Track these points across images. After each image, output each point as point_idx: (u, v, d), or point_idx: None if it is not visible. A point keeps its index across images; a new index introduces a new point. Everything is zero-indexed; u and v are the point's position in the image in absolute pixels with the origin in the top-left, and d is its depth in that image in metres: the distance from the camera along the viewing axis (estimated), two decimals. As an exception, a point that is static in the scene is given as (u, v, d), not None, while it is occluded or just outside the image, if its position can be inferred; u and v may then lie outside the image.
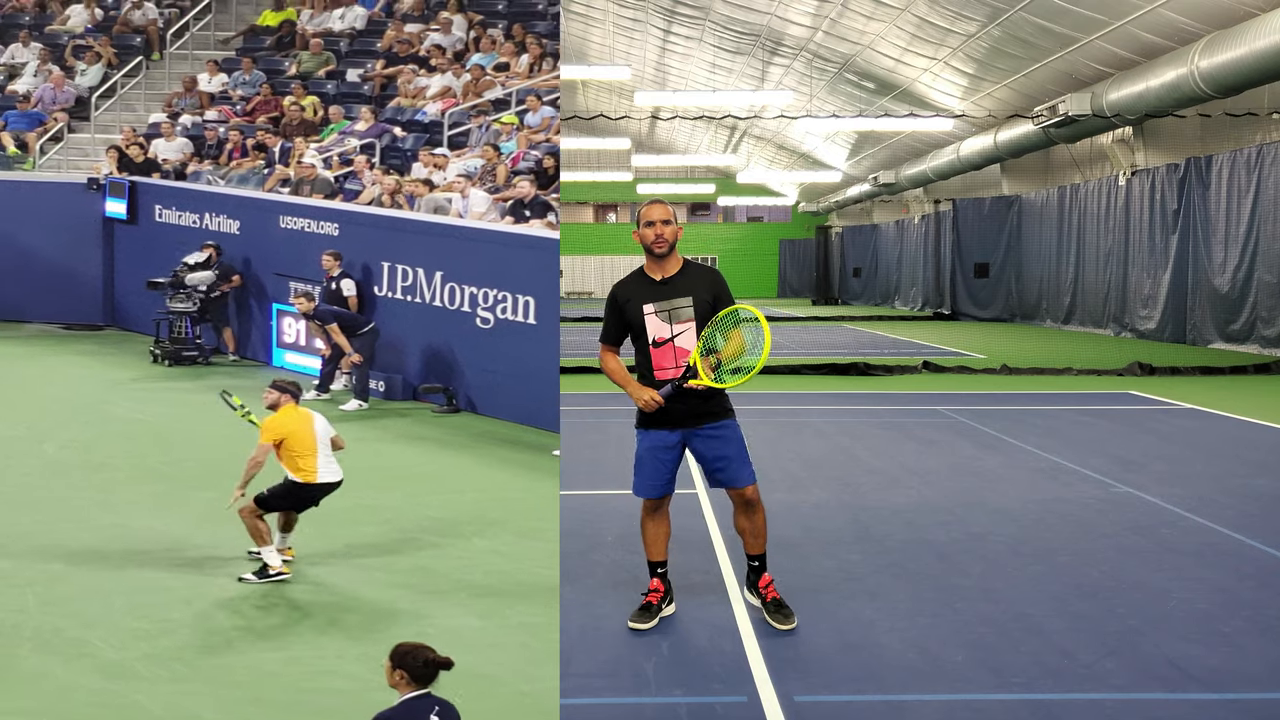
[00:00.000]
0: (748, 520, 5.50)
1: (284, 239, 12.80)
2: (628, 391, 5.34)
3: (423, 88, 15.21)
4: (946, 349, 23.55)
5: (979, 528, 7.49)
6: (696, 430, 5.36)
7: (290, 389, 6.68)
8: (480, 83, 14.62)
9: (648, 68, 39.50)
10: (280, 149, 14.85)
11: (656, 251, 5.31)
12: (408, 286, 11.53)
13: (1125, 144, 26.92)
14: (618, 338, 5.48)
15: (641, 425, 5.45)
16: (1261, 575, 6.39)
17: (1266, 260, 21.27)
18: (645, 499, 5.48)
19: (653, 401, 5.21)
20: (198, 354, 12.86)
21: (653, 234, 5.28)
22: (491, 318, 10.76)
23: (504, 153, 13.09)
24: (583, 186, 58.12)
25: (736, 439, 5.40)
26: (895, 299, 45.80)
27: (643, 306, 5.34)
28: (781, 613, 5.36)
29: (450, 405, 10.95)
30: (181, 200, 14.11)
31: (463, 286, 11.02)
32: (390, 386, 11.45)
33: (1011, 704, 4.51)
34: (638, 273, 5.46)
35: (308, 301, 11.21)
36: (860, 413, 13.35)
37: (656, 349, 5.32)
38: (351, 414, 10.78)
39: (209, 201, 13.81)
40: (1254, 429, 12.10)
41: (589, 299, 57.75)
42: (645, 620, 5.38)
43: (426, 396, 11.22)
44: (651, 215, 5.30)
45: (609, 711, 4.50)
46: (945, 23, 25.03)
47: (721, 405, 5.39)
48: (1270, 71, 17.99)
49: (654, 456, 5.39)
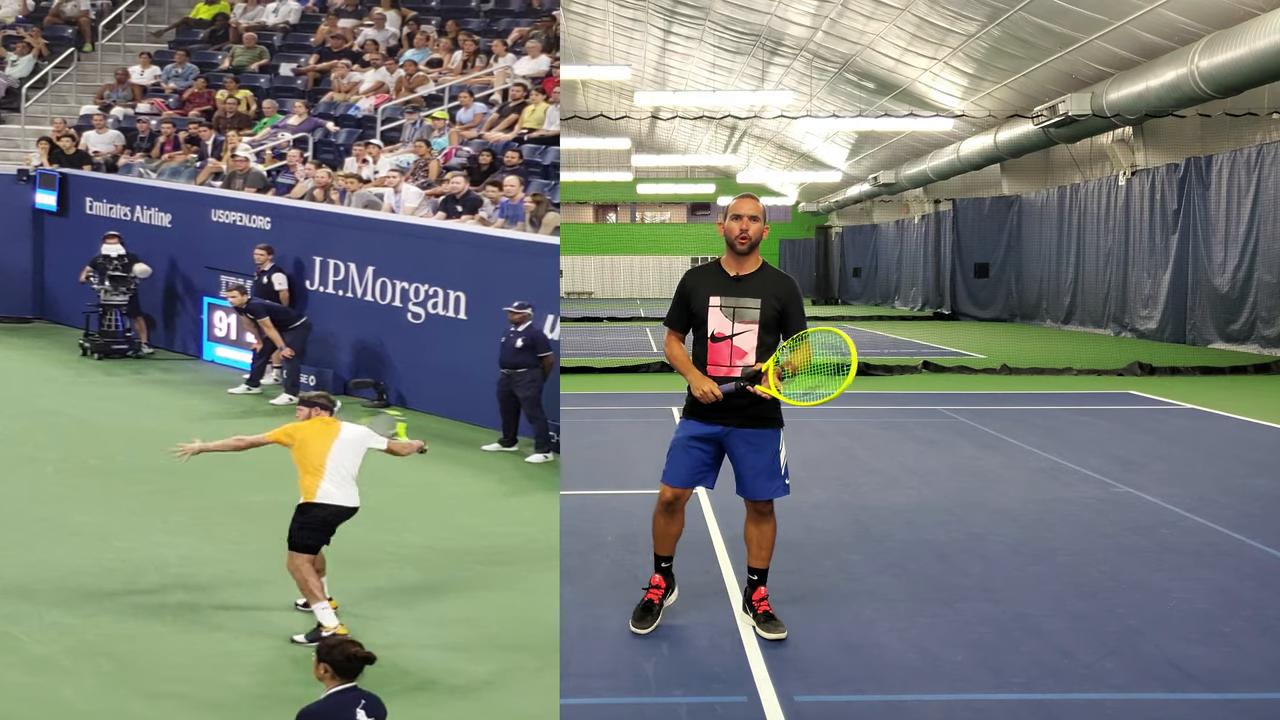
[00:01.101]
0: (757, 530, 5.46)
1: (216, 233, 12.75)
2: (688, 378, 5.24)
3: (356, 83, 15.22)
4: (946, 349, 23.55)
5: (979, 528, 7.48)
6: (738, 429, 5.29)
7: (320, 401, 6.21)
8: (413, 78, 14.65)
9: (648, 68, 39.50)
10: (213, 142, 14.82)
11: (739, 248, 5.23)
12: (339, 281, 11.54)
13: (1125, 144, 26.92)
14: (683, 324, 5.40)
15: (686, 415, 5.40)
16: (1261, 575, 6.39)
17: (1266, 260, 21.27)
18: (666, 487, 5.40)
19: (711, 394, 5.12)
20: (128, 347, 12.79)
21: (739, 228, 5.21)
22: (423, 313, 10.78)
23: (436, 148, 13.12)
24: (583, 186, 58.12)
25: (772, 451, 5.31)
26: (895, 299, 45.80)
27: (709, 298, 5.26)
28: (772, 623, 5.34)
29: (381, 400, 10.99)
30: (112, 193, 14.01)
31: (394, 281, 11.03)
32: (321, 380, 11.46)
33: (1011, 704, 4.51)
34: (714, 264, 5.38)
35: (240, 295, 11.20)
36: (860, 413, 13.34)
37: (715, 343, 5.25)
38: (282, 408, 10.77)
39: (140, 194, 13.72)
40: (1254, 429, 12.10)
41: (589, 299, 57.75)
42: (646, 624, 5.35)
43: (357, 391, 11.23)
44: (742, 209, 5.24)
45: (609, 711, 4.50)
46: (945, 23, 25.03)
47: (770, 413, 5.29)
48: (1270, 71, 17.99)
49: (687, 445, 5.33)
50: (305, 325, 11.37)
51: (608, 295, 60.03)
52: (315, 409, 6.16)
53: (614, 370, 17.85)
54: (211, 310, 12.69)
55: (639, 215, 63.34)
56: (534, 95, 13.29)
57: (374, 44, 15.72)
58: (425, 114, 13.94)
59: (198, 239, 13.01)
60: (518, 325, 9.48)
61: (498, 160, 12.45)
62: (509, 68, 13.94)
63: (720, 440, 5.32)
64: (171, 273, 13.22)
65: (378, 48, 15.66)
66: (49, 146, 14.91)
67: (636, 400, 14.75)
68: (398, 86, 14.73)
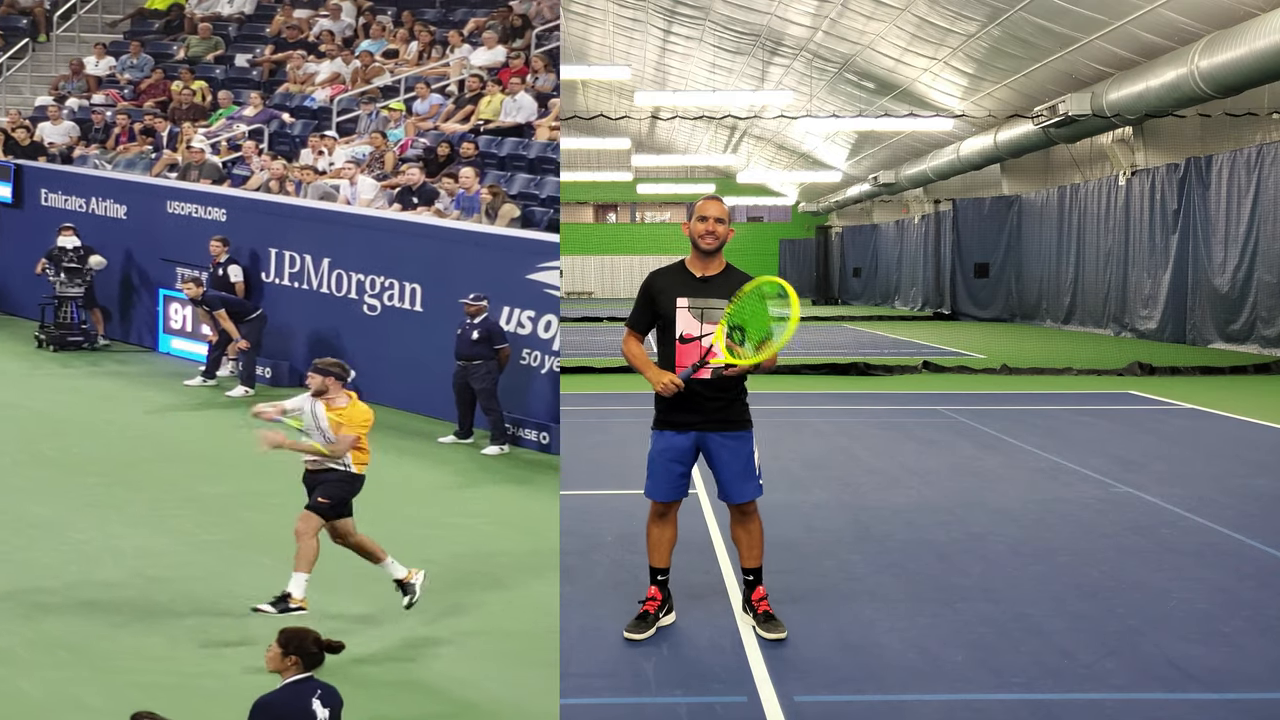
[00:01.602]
0: (744, 531, 5.45)
1: (171, 224, 12.69)
2: (646, 375, 5.24)
3: (311, 74, 15.22)
4: (946, 349, 23.55)
5: (979, 528, 7.49)
6: (711, 434, 5.30)
7: (335, 370, 6.16)
8: (369, 69, 14.64)
9: (648, 68, 39.49)
10: (168, 133, 14.79)
11: (704, 247, 5.25)
12: (295, 273, 11.51)
13: (1125, 144, 26.92)
14: (644, 325, 5.41)
15: (656, 426, 5.40)
16: (1261, 575, 6.39)
17: (1266, 260, 21.27)
18: (654, 502, 5.45)
19: (671, 385, 5.13)
20: (83, 339, 12.75)
21: (704, 229, 5.23)
22: (379, 305, 10.78)
23: (392, 140, 13.11)
24: (583, 186, 58.09)
25: (746, 453, 5.32)
26: (895, 299, 45.79)
27: (677, 299, 5.27)
28: (771, 623, 5.34)
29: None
30: (68, 184, 13.92)
31: (350, 273, 11.01)
32: (277, 373, 11.45)
33: (1011, 704, 4.51)
34: (678, 265, 5.38)
35: (196, 287, 11.18)
36: (860, 413, 13.35)
37: (683, 345, 5.25)
38: (237, 400, 10.77)
39: (95, 186, 13.65)
40: (1254, 429, 12.10)
41: (589, 299, 57.76)
42: (641, 630, 5.32)
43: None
44: (707, 210, 5.25)
45: (609, 712, 4.50)
46: (945, 23, 25.03)
47: (739, 415, 5.33)
48: (1270, 71, 17.99)
49: (665, 459, 5.34)
50: (261, 317, 11.36)
51: (608, 295, 60.02)
52: (331, 378, 6.14)
53: (614, 370, 17.85)
54: (167, 302, 12.66)
55: (639, 215, 63.34)
56: (490, 86, 13.25)
57: (330, 35, 15.72)
58: (381, 105, 13.91)
59: (153, 231, 12.95)
60: (474, 317, 9.48)
61: (454, 152, 12.43)
62: (465, 59, 13.92)
63: (695, 446, 5.34)
64: (127, 264, 13.15)
65: (333, 38, 15.66)
66: (3, 138, 14.84)
67: (637, 400, 14.74)
68: (353, 78, 14.73)
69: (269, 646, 3.94)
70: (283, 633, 3.96)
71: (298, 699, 3.80)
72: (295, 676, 3.86)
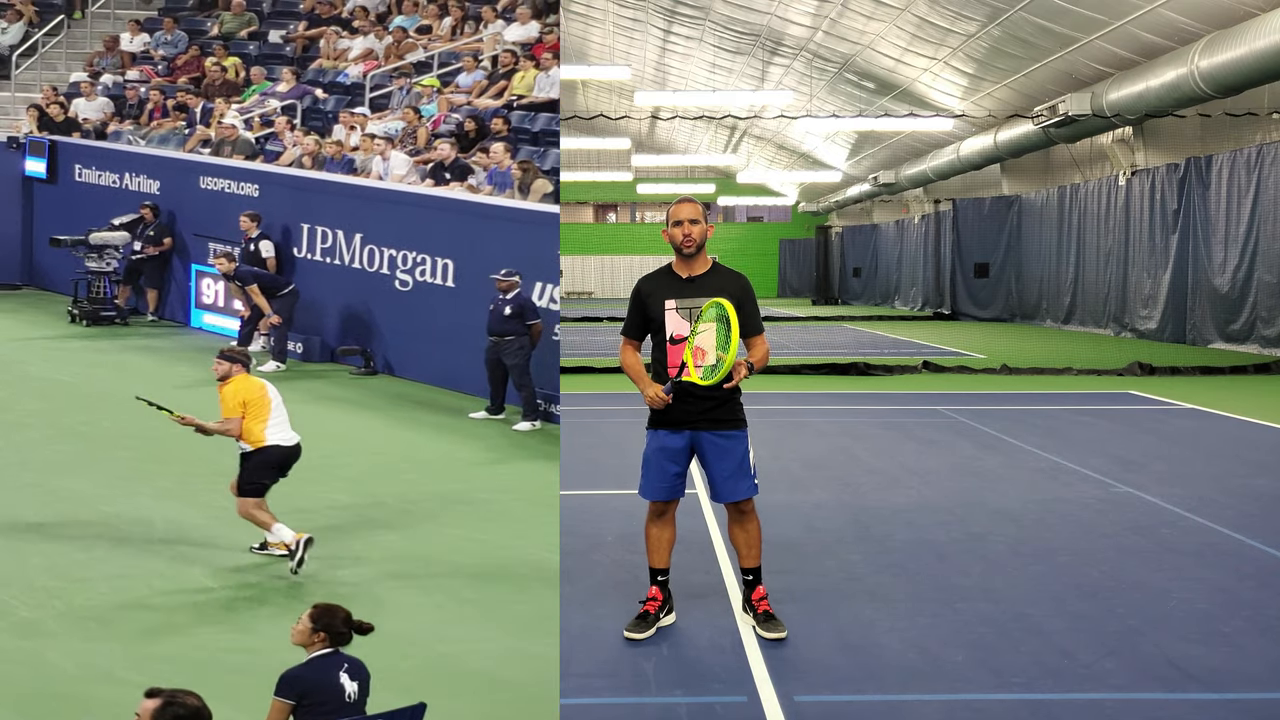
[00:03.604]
0: (741, 531, 5.45)
1: (204, 200, 12.80)
2: (639, 387, 5.34)
3: (345, 50, 15.21)
4: (946, 349, 23.55)
5: (979, 528, 7.48)
6: (705, 433, 5.33)
7: (240, 358, 6.58)
8: (402, 45, 14.61)
9: (648, 68, 39.48)
10: (201, 109, 14.84)
11: (685, 251, 5.30)
12: (327, 248, 11.55)
13: (1125, 144, 26.92)
14: (639, 332, 5.47)
15: (651, 426, 5.44)
16: (1261, 575, 6.39)
17: (1266, 260, 21.26)
18: (650, 502, 5.46)
19: (658, 398, 5.20)
20: (115, 314, 12.85)
21: (681, 233, 5.27)
22: (410, 280, 10.77)
23: (425, 115, 13.10)
24: (583, 186, 58.07)
25: (740, 452, 5.34)
26: (895, 299, 45.78)
27: (665, 301, 5.32)
28: (772, 623, 5.34)
29: (368, 367, 10.97)
30: (102, 160, 14.09)
31: (382, 249, 11.04)
32: (308, 348, 11.46)
33: (1011, 704, 4.51)
34: (665, 269, 5.44)
35: (228, 262, 11.21)
36: (860, 413, 13.35)
37: (674, 345, 5.30)
38: (269, 375, 10.80)
39: (129, 161, 13.79)
40: (1254, 429, 12.10)
41: (589, 299, 57.74)
42: (641, 630, 5.32)
43: (344, 358, 11.21)
44: (680, 214, 5.29)
45: (609, 711, 4.50)
46: (945, 23, 25.02)
47: (732, 414, 5.35)
48: (1270, 71, 17.98)
49: (660, 459, 5.37)
50: (293, 292, 11.37)
51: (608, 295, 59.99)
52: (237, 365, 6.50)
53: (614, 370, 17.84)
54: (199, 277, 12.70)
55: (639, 215, 63.32)
56: (523, 61, 13.23)
57: (363, 10, 15.71)
58: (414, 81, 13.90)
59: (186, 206, 13.07)
60: (506, 293, 9.47)
61: (486, 127, 12.42)
62: (499, 34, 13.89)
63: (690, 445, 5.37)
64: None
65: (367, 14, 15.65)
66: (38, 114, 14.94)
67: (637, 400, 14.67)
68: (386, 53, 14.70)
69: (297, 619, 3.95)
70: (315, 607, 3.97)
71: (325, 672, 3.82)
72: (321, 650, 3.87)
